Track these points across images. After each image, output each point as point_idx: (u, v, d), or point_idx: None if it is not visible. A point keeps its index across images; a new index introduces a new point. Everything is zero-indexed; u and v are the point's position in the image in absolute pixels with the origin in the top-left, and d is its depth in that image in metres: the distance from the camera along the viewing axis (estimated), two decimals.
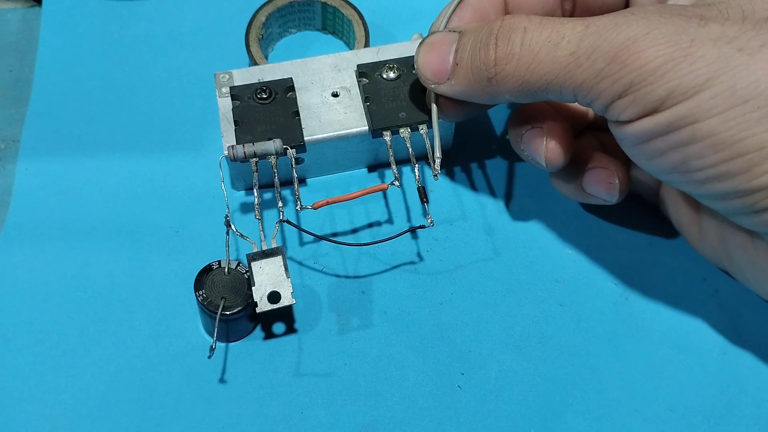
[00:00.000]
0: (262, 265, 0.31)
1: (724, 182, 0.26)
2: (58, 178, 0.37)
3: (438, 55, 0.31)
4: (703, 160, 0.26)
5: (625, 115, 0.27)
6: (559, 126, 0.32)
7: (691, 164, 0.26)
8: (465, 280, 0.35)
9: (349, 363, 0.32)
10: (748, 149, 0.25)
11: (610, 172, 0.32)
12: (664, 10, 0.27)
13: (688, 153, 0.26)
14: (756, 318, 0.34)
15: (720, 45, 0.25)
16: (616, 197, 0.33)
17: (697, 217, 0.33)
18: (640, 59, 0.26)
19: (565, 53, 0.27)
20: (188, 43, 0.42)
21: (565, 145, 0.32)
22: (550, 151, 0.32)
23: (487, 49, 0.29)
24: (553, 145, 0.32)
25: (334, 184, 0.37)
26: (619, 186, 0.32)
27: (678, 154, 0.27)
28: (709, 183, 0.27)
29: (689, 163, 0.26)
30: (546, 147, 0.32)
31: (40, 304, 0.33)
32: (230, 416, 0.31)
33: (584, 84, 0.27)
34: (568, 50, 0.27)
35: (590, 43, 0.26)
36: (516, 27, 0.28)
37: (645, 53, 0.25)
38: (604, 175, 0.33)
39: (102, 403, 0.31)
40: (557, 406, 0.32)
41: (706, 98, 0.25)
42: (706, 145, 0.26)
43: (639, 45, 0.26)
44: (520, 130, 0.33)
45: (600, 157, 0.33)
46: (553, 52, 0.27)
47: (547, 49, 0.27)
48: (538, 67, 0.28)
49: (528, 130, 0.32)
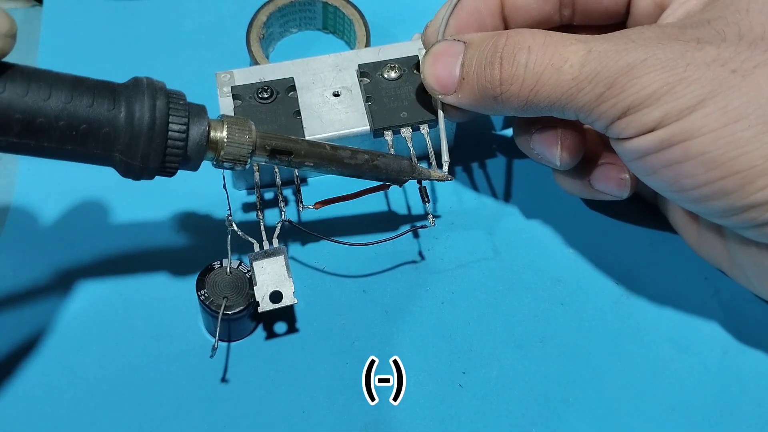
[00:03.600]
0: (263, 265, 0.31)
1: (718, 200, 0.27)
2: (59, 178, 0.37)
3: (444, 68, 0.31)
4: (695, 178, 0.27)
5: (623, 134, 0.28)
6: (572, 124, 0.32)
7: (685, 182, 0.27)
8: (466, 280, 0.35)
9: (350, 362, 0.32)
10: (741, 167, 0.25)
11: (620, 167, 0.32)
12: (662, 34, 0.27)
13: (681, 171, 0.27)
14: (757, 317, 0.34)
15: (714, 67, 0.26)
16: (628, 192, 0.33)
17: (695, 219, 0.33)
18: (637, 84, 0.26)
19: (568, 77, 0.28)
20: (189, 42, 0.42)
21: (579, 143, 0.32)
22: (565, 150, 0.32)
23: (492, 68, 0.29)
24: (568, 144, 0.32)
25: (335, 184, 0.37)
26: (630, 181, 0.32)
27: (671, 172, 0.27)
28: (704, 201, 0.27)
29: (682, 181, 0.27)
30: (561, 146, 0.32)
31: (40, 304, 0.33)
32: (232, 415, 0.31)
33: (585, 107, 0.28)
34: (570, 74, 0.28)
35: (591, 69, 0.27)
36: (521, 46, 0.29)
37: (642, 79, 0.26)
38: (614, 171, 0.33)
39: (103, 403, 0.31)
40: (558, 405, 0.32)
41: (698, 117, 0.26)
42: (698, 163, 0.26)
43: (637, 71, 0.26)
44: (530, 129, 0.33)
45: (607, 153, 0.33)
46: (556, 76, 0.28)
47: (550, 72, 0.28)
48: (541, 90, 0.28)
49: (539, 129, 0.32)
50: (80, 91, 0.25)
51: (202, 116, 0.27)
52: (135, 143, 0.26)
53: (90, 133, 0.25)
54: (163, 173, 0.27)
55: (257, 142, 0.29)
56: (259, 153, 0.29)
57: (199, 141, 0.27)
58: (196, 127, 0.27)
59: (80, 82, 0.25)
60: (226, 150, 0.28)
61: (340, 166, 0.31)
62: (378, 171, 0.31)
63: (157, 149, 0.26)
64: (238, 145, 0.28)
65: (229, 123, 0.28)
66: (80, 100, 0.25)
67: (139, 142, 0.26)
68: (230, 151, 0.28)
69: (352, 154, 0.31)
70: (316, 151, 0.30)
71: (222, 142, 0.28)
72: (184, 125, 0.26)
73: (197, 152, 0.27)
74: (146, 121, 0.25)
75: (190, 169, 0.28)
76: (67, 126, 0.25)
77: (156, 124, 0.26)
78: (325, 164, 0.30)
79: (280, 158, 0.30)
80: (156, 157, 0.26)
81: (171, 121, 0.26)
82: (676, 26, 0.28)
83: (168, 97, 0.26)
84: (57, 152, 0.25)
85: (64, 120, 0.25)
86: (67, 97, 0.25)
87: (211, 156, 0.28)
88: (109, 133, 0.25)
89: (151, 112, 0.26)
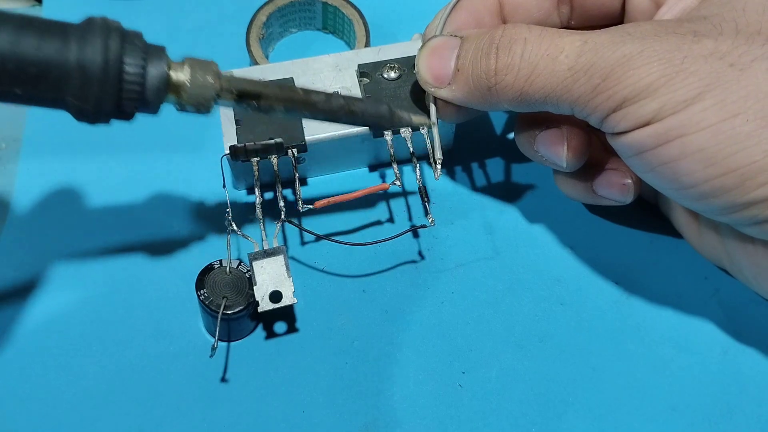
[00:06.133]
0: (263, 265, 0.31)
1: (718, 198, 0.26)
2: (59, 177, 0.37)
3: (439, 60, 0.31)
4: (694, 175, 0.26)
5: (619, 127, 0.27)
6: (577, 125, 0.32)
7: (683, 180, 0.27)
8: (466, 279, 0.35)
9: (350, 362, 0.32)
10: (740, 164, 0.25)
11: (623, 173, 0.32)
12: (659, 27, 0.27)
13: (679, 169, 0.26)
14: (757, 317, 0.34)
15: (712, 61, 0.25)
16: (631, 197, 0.33)
17: (696, 218, 0.33)
18: (634, 76, 0.26)
19: (563, 68, 0.27)
20: (189, 42, 0.42)
21: (585, 145, 0.32)
22: (571, 150, 0.31)
23: (488, 58, 0.29)
24: (575, 144, 0.31)
25: (335, 184, 0.37)
26: (633, 186, 0.32)
27: (669, 170, 0.27)
28: (704, 199, 0.27)
29: (681, 179, 0.27)
30: (567, 148, 0.31)
31: (40, 303, 0.33)
32: (232, 415, 0.31)
33: (580, 98, 0.27)
34: (566, 65, 0.27)
35: (587, 60, 0.27)
36: (517, 38, 0.29)
37: (638, 70, 0.26)
38: (617, 177, 0.32)
39: (103, 403, 0.31)
40: (558, 405, 0.32)
41: (696, 111, 0.25)
42: (697, 159, 0.26)
43: (633, 62, 0.26)
44: (533, 131, 0.32)
45: (608, 158, 0.33)
46: (551, 66, 0.28)
47: (545, 63, 0.28)
48: (536, 80, 0.28)
49: (543, 131, 0.32)
50: (27, 32, 0.24)
51: (161, 57, 0.26)
52: (87, 87, 0.24)
53: (40, 76, 0.24)
54: (119, 117, 0.26)
55: (222, 85, 0.27)
56: (224, 97, 0.27)
57: (158, 84, 0.25)
58: (155, 68, 0.25)
59: (28, 22, 0.24)
60: (189, 93, 0.26)
61: (314, 111, 0.29)
62: (355, 116, 0.30)
63: (110, 92, 0.24)
64: (201, 87, 0.26)
65: (191, 64, 0.26)
66: (27, 42, 0.23)
67: (91, 86, 0.24)
68: (193, 93, 0.26)
69: (326, 98, 0.29)
70: (287, 94, 0.29)
71: (184, 85, 0.26)
72: (140, 67, 0.25)
73: (156, 95, 0.26)
74: (98, 63, 0.24)
75: (149, 112, 0.26)
76: (15, 69, 0.23)
77: (109, 65, 0.24)
78: (297, 108, 0.29)
79: (248, 102, 0.28)
80: (110, 101, 0.25)
81: (125, 62, 0.24)
82: (673, 21, 0.28)
83: (123, 36, 0.25)
84: (7, 96, 0.24)
85: (11, 63, 0.23)
86: (13, 38, 0.23)
87: (173, 99, 0.26)
88: (59, 76, 0.24)
89: (104, 54, 0.24)
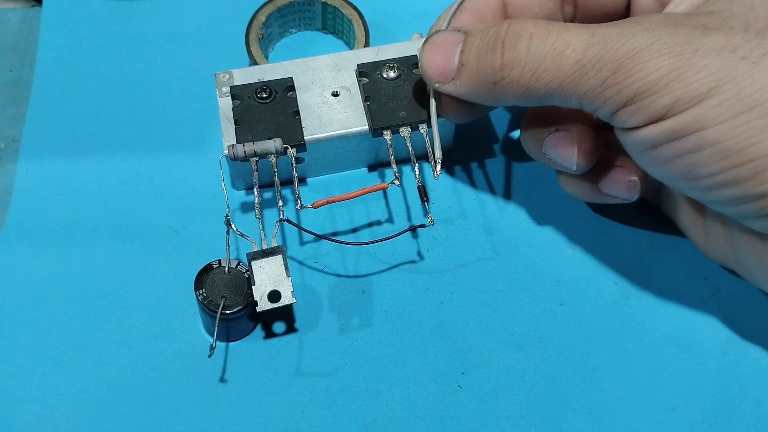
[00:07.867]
0: (262, 264, 0.31)
1: (731, 188, 0.26)
2: (59, 177, 0.37)
3: (443, 55, 0.31)
4: (709, 167, 0.26)
5: (631, 122, 0.27)
6: (587, 125, 0.31)
7: (698, 171, 0.27)
8: (465, 280, 0.35)
9: (350, 362, 0.32)
10: (755, 156, 0.25)
11: (629, 170, 0.32)
12: (668, 20, 0.27)
13: (695, 161, 0.26)
14: (756, 317, 0.34)
15: (723, 54, 0.25)
16: (636, 195, 0.32)
17: (701, 217, 0.33)
18: (644, 69, 0.26)
19: (571, 61, 0.27)
20: (188, 42, 0.42)
21: (595, 146, 0.31)
22: (582, 155, 0.31)
23: (493, 53, 0.29)
24: (585, 147, 0.31)
25: (335, 184, 0.37)
26: (639, 183, 0.32)
27: (684, 162, 0.27)
28: (716, 189, 0.27)
29: (695, 170, 0.27)
30: (578, 150, 0.31)
31: (40, 304, 0.33)
32: (230, 416, 0.31)
33: (589, 92, 0.27)
34: (573, 58, 0.27)
35: (595, 53, 0.27)
36: (523, 32, 0.28)
37: (649, 63, 0.26)
38: (623, 174, 0.32)
39: (102, 403, 0.31)
40: (558, 405, 0.32)
41: (711, 106, 0.25)
42: (713, 152, 0.26)
43: (643, 55, 0.26)
44: (541, 132, 0.32)
45: (612, 155, 0.32)
46: (558, 60, 0.27)
47: (552, 57, 0.27)
48: (543, 75, 0.28)
49: (553, 134, 0.32)
50: None
51: None
52: None
53: None
54: None
55: None
56: None
57: None
58: None
59: None
60: None
61: None
62: None
63: None
64: None
65: None
66: None
67: None
68: None
69: None
70: None
71: None
72: None
73: None
74: None
75: None
76: None
77: None
78: None
79: None
80: None
81: None
82: (682, 14, 0.28)
83: None
84: None
85: None
86: None
87: None
88: None
89: None
